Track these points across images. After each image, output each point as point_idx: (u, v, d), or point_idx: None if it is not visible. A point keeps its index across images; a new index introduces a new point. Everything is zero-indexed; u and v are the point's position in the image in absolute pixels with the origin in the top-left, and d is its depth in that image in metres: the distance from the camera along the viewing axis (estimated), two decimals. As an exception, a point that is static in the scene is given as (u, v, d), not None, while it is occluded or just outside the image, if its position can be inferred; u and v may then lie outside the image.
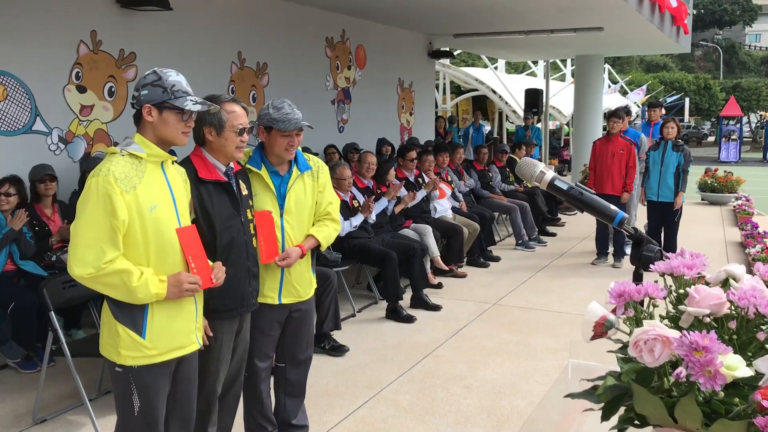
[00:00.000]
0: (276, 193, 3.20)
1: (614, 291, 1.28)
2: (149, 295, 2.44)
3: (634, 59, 50.03)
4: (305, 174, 3.29)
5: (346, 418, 4.09)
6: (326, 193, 3.36)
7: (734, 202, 12.51)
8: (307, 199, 3.27)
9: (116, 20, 6.39)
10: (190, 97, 2.53)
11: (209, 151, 2.95)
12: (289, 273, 3.25)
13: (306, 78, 9.11)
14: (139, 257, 2.46)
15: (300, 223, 3.25)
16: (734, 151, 29.76)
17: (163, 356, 2.54)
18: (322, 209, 3.34)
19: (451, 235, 7.57)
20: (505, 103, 18.25)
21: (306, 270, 3.33)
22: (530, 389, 4.48)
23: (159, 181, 2.53)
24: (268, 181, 3.19)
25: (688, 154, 7.68)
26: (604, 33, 10.95)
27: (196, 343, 2.67)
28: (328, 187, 3.37)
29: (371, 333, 5.69)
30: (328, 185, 3.38)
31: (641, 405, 1.15)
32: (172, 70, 2.56)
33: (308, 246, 3.26)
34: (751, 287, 1.20)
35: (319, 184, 3.32)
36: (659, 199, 7.72)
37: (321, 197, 3.33)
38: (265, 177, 3.19)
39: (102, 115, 6.31)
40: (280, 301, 3.24)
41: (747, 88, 44.08)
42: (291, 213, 3.21)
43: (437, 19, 10.31)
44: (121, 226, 2.39)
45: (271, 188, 3.18)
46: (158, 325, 2.51)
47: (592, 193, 1.63)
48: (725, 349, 1.09)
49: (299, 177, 3.26)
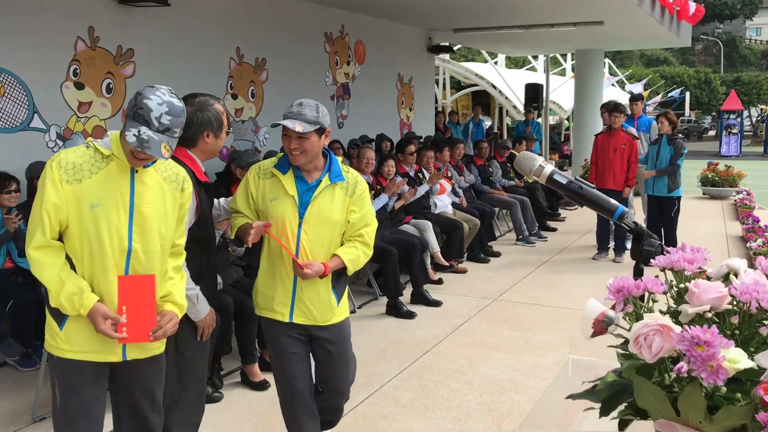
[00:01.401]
0: (298, 200, 2.91)
1: (613, 286, 1.26)
2: (66, 311, 2.38)
3: (634, 53, 49.94)
4: (337, 185, 2.95)
5: (347, 414, 4.07)
6: (363, 214, 3.00)
7: (735, 196, 12.48)
8: (333, 212, 2.92)
9: (114, 17, 6.36)
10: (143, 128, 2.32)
11: (197, 153, 2.94)
12: (301, 289, 2.95)
13: (305, 73, 9.08)
14: (75, 254, 2.40)
15: (320, 237, 2.92)
16: (735, 145, 29.72)
17: (76, 355, 2.43)
18: (355, 230, 2.99)
19: (452, 231, 7.55)
20: (505, 98, 18.21)
21: (324, 291, 2.98)
22: (531, 385, 4.47)
23: (117, 184, 2.40)
24: (290, 185, 2.91)
25: (679, 147, 7.62)
26: (604, 27, 10.91)
27: (119, 355, 2.47)
28: (365, 207, 3.01)
29: (371, 329, 5.68)
30: (365, 204, 3.01)
31: (643, 398, 1.13)
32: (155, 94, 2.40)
33: (332, 266, 2.94)
34: (753, 281, 1.19)
35: (352, 201, 2.96)
36: (654, 193, 7.77)
37: (355, 217, 2.97)
38: (288, 182, 2.92)
39: (100, 112, 6.29)
40: (291, 320, 2.97)
41: (748, 81, 44.01)
42: (310, 224, 2.90)
43: (437, 14, 10.27)
44: (48, 211, 2.33)
45: (292, 194, 2.90)
46: (77, 323, 2.40)
47: (592, 187, 1.61)
48: (727, 343, 1.07)
49: (328, 187, 2.93)
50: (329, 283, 2.98)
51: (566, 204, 11.64)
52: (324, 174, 2.94)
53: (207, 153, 2.96)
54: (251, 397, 4.35)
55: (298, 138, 2.81)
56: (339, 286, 3.03)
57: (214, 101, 2.94)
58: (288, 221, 2.89)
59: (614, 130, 8.00)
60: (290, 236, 2.89)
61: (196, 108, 2.90)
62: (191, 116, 2.87)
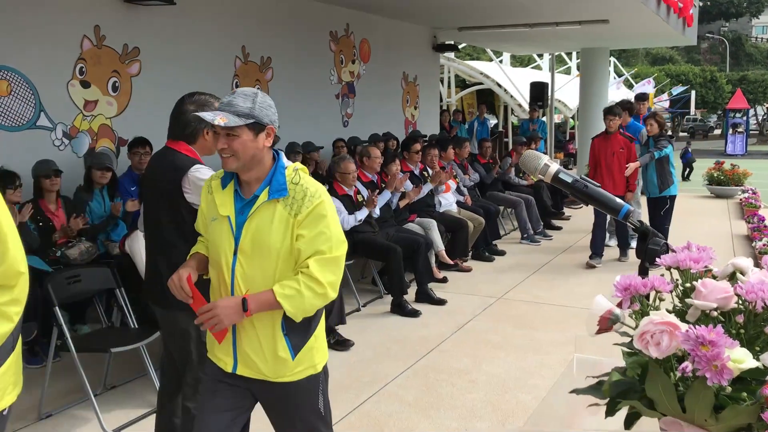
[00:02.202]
0: (235, 221, 2.26)
1: (620, 284, 1.27)
2: None
3: (639, 52, 49.82)
4: (279, 202, 2.23)
5: (351, 412, 4.09)
6: (313, 237, 2.21)
7: (741, 195, 12.44)
8: (272, 237, 2.21)
9: (120, 15, 6.38)
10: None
11: (198, 149, 3.04)
12: (239, 335, 2.29)
13: (310, 72, 9.09)
14: None
15: (258, 270, 2.23)
16: (741, 143, 29.65)
17: None
18: (302, 260, 2.22)
19: (456, 229, 7.55)
20: (510, 97, 18.18)
21: (267, 338, 2.26)
22: (536, 383, 4.47)
23: None
24: (226, 203, 2.30)
25: (661, 146, 7.60)
26: (609, 25, 10.89)
27: None
28: (318, 229, 2.22)
29: (376, 327, 5.69)
30: (319, 225, 2.22)
31: (652, 387, 1.14)
32: None
33: (259, 304, 2.19)
34: (759, 281, 1.19)
35: (299, 221, 2.21)
36: (648, 194, 7.83)
37: (302, 242, 2.21)
38: (224, 198, 2.31)
39: (106, 110, 6.31)
40: (234, 371, 2.31)
41: (753, 80, 43.89)
42: (245, 253, 2.23)
43: (442, 13, 10.27)
44: None
45: (226, 213, 2.28)
46: None
47: (597, 186, 1.61)
48: (732, 343, 1.07)
49: (267, 204, 2.23)
50: (276, 326, 2.25)
51: (571, 203, 11.62)
52: (263, 186, 2.25)
53: (206, 149, 3.04)
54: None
55: (226, 136, 2.20)
56: (295, 333, 2.27)
57: (214, 100, 2.99)
58: (223, 249, 2.27)
59: (611, 133, 7.73)
60: (225, 269, 2.27)
61: (197, 105, 2.95)
62: (192, 113, 2.93)
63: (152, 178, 3.06)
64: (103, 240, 5.47)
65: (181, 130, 2.99)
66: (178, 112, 3.00)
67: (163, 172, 2.96)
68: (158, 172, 3.00)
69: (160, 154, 3.07)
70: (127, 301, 4.43)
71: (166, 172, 2.95)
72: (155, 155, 3.17)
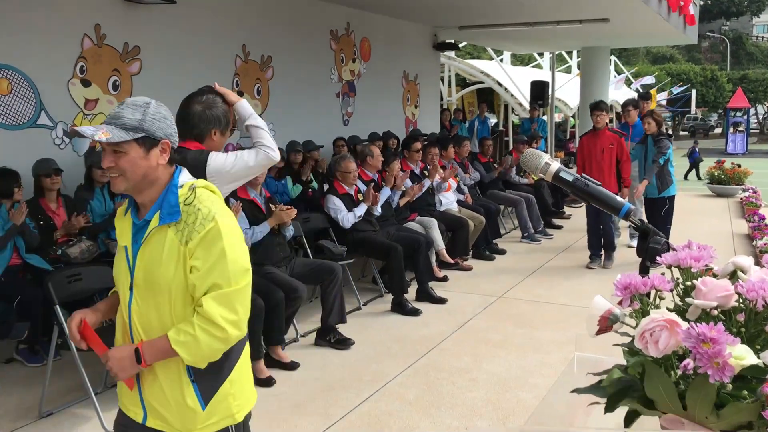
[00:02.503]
0: (131, 251, 1.99)
1: (620, 283, 1.27)
2: None
3: (640, 51, 49.79)
4: (171, 227, 1.93)
5: (352, 411, 4.09)
6: (207, 270, 1.89)
7: (741, 193, 12.45)
8: (162, 269, 1.91)
9: (120, 14, 6.38)
10: None
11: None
12: (143, 384, 2.01)
13: (310, 71, 9.08)
14: None
15: (154, 310, 1.95)
16: (741, 142, 29.64)
17: None
18: (197, 296, 1.91)
19: (457, 228, 7.55)
20: (510, 96, 18.18)
21: (171, 388, 1.97)
22: (536, 382, 4.47)
23: None
24: (123, 230, 2.05)
25: (662, 147, 7.50)
26: (609, 24, 10.88)
27: None
28: (211, 260, 1.89)
29: (377, 326, 5.69)
30: (211, 255, 1.89)
31: (652, 387, 1.14)
32: None
33: (154, 353, 1.92)
34: (760, 279, 1.19)
35: (191, 250, 1.90)
36: (646, 195, 7.73)
37: (196, 276, 1.89)
38: (123, 225, 2.06)
39: (107, 109, 6.31)
40: (144, 422, 2.03)
41: (754, 79, 43.85)
42: (139, 288, 1.96)
43: (442, 11, 10.27)
44: None
45: (123, 243, 2.03)
46: None
47: (597, 185, 1.61)
48: (733, 340, 1.08)
49: (158, 230, 1.94)
50: (182, 372, 1.96)
51: (572, 201, 11.63)
52: (154, 210, 1.96)
53: (212, 150, 2.96)
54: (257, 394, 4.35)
55: (113, 153, 1.91)
56: (204, 379, 1.97)
57: (220, 99, 2.94)
58: (122, 285, 2.02)
59: (599, 129, 7.52)
60: (124, 308, 2.02)
61: (205, 106, 2.90)
62: (201, 113, 2.88)
63: None
64: (103, 239, 5.48)
65: (189, 131, 2.91)
66: (185, 113, 2.93)
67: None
68: None
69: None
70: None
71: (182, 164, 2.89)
72: None
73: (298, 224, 5.90)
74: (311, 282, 5.33)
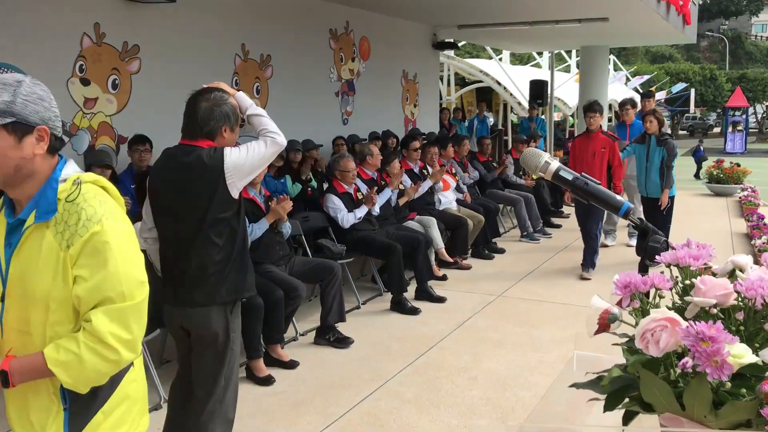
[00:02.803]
0: (3, 254, 1.72)
1: (620, 282, 1.27)
2: None
3: (639, 50, 49.79)
4: (50, 228, 1.67)
5: (351, 410, 4.10)
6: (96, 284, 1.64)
7: (740, 193, 12.46)
8: (39, 277, 1.65)
9: (120, 12, 6.38)
10: None
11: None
12: (8, 407, 1.78)
13: (310, 70, 9.08)
14: None
15: (28, 323, 1.69)
16: (740, 141, 29.68)
17: None
18: (84, 311, 1.66)
19: (456, 227, 7.56)
20: (509, 95, 18.18)
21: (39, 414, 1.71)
22: (535, 381, 4.48)
23: None
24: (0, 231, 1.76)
25: (672, 147, 7.39)
26: (609, 23, 10.88)
27: None
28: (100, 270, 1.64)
29: (376, 325, 5.69)
30: (98, 264, 1.64)
31: (648, 392, 1.14)
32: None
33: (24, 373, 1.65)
34: (758, 278, 1.20)
35: (74, 256, 1.64)
36: (648, 194, 7.60)
37: (83, 288, 1.64)
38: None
39: (106, 108, 6.31)
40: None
41: (753, 78, 43.89)
42: (13, 298, 1.70)
43: (441, 10, 10.27)
44: None
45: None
46: None
47: (597, 183, 1.62)
48: (732, 338, 1.08)
49: (35, 231, 1.68)
50: (53, 396, 1.71)
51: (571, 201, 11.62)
52: (30, 207, 1.68)
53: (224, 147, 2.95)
54: (256, 393, 4.37)
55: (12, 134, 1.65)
56: (80, 406, 1.71)
57: (227, 96, 2.94)
58: None
59: (592, 132, 7.25)
60: None
61: (213, 103, 2.89)
62: (210, 111, 2.88)
63: (178, 176, 2.92)
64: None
65: (199, 129, 2.90)
66: (193, 111, 2.91)
67: (194, 167, 2.86)
68: (186, 169, 2.88)
69: (183, 153, 2.93)
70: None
71: (197, 167, 2.85)
72: (171, 154, 3.01)
73: (297, 223, 5.90)
74: (310, 281, 5.33)
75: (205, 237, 2.89)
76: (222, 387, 3.01)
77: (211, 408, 2.99)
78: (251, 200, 4.92)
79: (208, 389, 3.00)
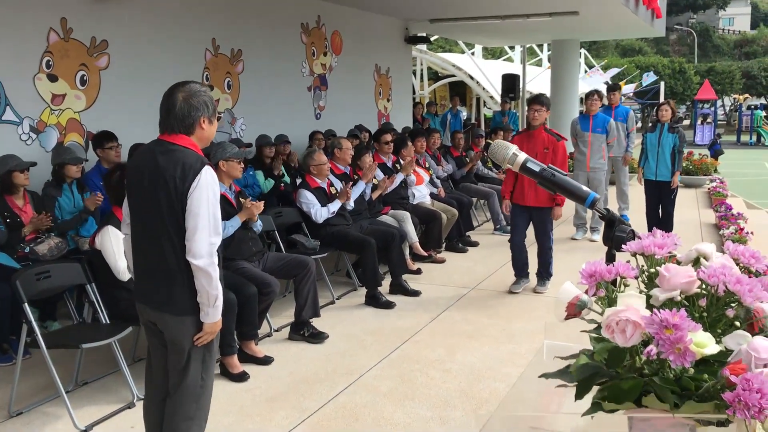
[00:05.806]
0: None
1: (586, 271, 1.29)
2: None
3: (609, 44, 50.29)
4: None
5: (326, 404, 4.10)
6: None
7: (709, 184, 12.66)
8: None
9: (87, 8, 6.28)
10: None
11: (196, 142, 2.86)
12: None
13: (282, 64, 9.04)
14: None
15: None
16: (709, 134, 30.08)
17: None
18: None
19: (430, 221, 7.58)
20: (482, 89, 18.27)
21: None
22: (509, 372, 4.52)
23: None
24: None
25: (683, 135, 7.96)
26: (579, 17, 10.98)
27: None
28: None
29: (350, 319, 5.70)
30: None
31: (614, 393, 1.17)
32: None
33: None
34: (721, 265, 1.22)
35: None
36: (657, 178, 7.99)
37: None
38: None
39: (74, 104, 6.22)
40: None
41: (721, 71, 44.52)
42: None
43: (413, 5, 10.28)
44: None
45: None
46: None
47: (564, 175, 1.63)
48: (695, 326, 1.10)
49: None
50: None
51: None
52: None
53: (203, 140, 2.87)
54: (230, 389, 4.34)
55: None
56: None
57: (205, 88, 2.89)
58: None
59: (534, 128, 6.23)
60: None
61: (188, 94, 2.81)
62: (187, 103, 2.81)
63: (154, 174, 2.81)
64: (72, 236, 5.40)
65: (178, 123, 2.81)
66: (171, 104, 2.82)
67: (170, 168, 2.76)
68: (161, 168, 2.78)
69: (161, 150, 2.83)
70: (99, 297, 4.38)
71: (173, 167, 2.76)
72: (150, 150, 2.90)
73: (270, 219, 5.88)
74: (284, 276, 5.31)
75: (172, 236, 2.84)
76: (199, 385, 2.98)
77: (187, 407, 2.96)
78: (222, 196, 4.87)
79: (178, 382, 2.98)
